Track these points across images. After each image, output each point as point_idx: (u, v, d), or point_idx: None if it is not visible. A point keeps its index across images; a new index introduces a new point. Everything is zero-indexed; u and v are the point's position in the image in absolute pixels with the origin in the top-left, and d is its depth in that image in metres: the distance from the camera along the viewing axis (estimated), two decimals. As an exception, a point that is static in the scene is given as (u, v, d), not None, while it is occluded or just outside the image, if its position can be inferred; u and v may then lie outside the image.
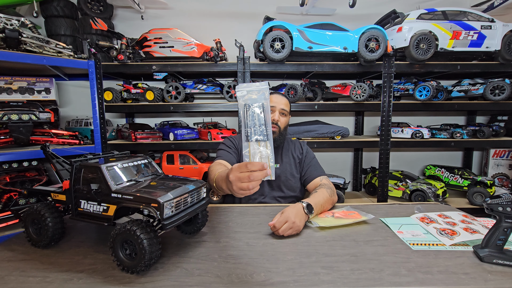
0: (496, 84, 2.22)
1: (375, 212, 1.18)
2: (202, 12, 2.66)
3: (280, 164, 1.55)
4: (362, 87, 2.25)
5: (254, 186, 0.75)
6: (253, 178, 0.74)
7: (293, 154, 1.59)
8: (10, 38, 1.62)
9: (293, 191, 1.53)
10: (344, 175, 2.74)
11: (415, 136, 2.36)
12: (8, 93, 1.89)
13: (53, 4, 2.21)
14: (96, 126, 2.01)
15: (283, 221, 0.98)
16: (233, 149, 1.55)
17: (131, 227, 0.70)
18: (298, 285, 0.69)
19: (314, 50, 2.12)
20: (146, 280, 0.71)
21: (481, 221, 1.06)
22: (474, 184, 2.47)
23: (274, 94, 1.55)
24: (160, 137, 2.34)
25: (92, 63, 1.95)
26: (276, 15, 2.54)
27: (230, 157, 1.48)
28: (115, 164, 0.85)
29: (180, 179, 0.91)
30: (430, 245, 0.89)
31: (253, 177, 0.74)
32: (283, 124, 1.52)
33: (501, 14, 2.44)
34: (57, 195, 0.91)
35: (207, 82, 2.43)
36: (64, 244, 0.91)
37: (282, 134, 1.53)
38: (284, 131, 1.54)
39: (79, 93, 2.58)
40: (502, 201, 0.78)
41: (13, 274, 0.75)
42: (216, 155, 1.54)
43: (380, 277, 0.72)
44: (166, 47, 2.20)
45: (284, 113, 1.52)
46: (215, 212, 1.22)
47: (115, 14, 2.58)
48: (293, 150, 1.61)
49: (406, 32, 2.12)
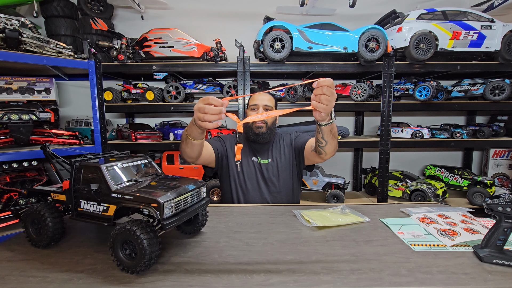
0: (496, 84, 2.22)
1: (375, 212, 1.19)
2: (202, 12, 2.66)
3: (271, 160, 1.59)
4: (362, 87, 2.25)
5: (209, 119, 0.92)
6: (207, 110, 0.92)
7: (285, 143, 1.64)
8: (10, 38, 1.62)
9: (286, 184, 1.57)
10: (344, 175, 2.74)
11: (415, 136, 2.37)
12: (8, 93, 1.89)
13: (53, 4, 2.21)
14: (96, 126, 2.01)
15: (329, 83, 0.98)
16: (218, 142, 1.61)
17: (131, 227, 0.70)
18: (298, 285, 0.69)
19: (314, 50, 2.12)
20: (146, 280, 0.71)
21: (481, 221, 1.05)
22: (474, 184, 2.47)
23: (256, 93, 1.61)
24: (160, 137, 2.34)
25: (92, 63, 1.95)
26: (276, 15, 2.54)
27: (214, 142, 1.56)
28: (115, 164, 0.85)
29: (180, 179, 0.91)
30: (431, 245, 0.88)
31: (207, 110, 0.92)
32: (270, 119, 1.57)
33: (501, 14, 2.44)
34: (57, 195, 0.91)
35: (207, 82, 2.43)
36: (64, 244, 0.91)
37: (270, 129, 1.57)
38: (272, 125, 1.58)
39: (79, 93, 2.59)
40: (502, 201, 0.78)
41: (13, 274, 0.74)
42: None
43: (380, 277, 0.72)
44: (166, 47, 2.20)
45: (268, 109, 1.56)
46: (215, 212, 1.22)
47: (115, 14, 2.58)
48: (284, 141, 1.66)
49: (406, 32, 2.12)
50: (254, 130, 1.55)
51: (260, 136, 1.54)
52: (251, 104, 1.58)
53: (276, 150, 1.62)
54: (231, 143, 1.63)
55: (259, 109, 1.55)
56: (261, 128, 1.54)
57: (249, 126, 1.56)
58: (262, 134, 1.54)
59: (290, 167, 1.59)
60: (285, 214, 1.18)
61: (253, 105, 1.57)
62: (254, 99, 1.58)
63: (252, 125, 1.55)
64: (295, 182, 1.61)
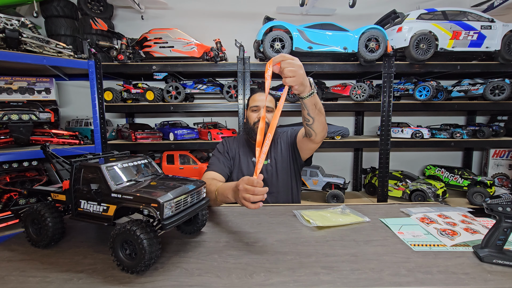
0: (496, 84, 2.22)
1: (375, 212, 1.19)
2: (202, 12, 2.66)
3: (270, 160, 1.60)
4: (362, 87, 2.25)
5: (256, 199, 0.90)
6: (257, 192, 0.89)
7: (282, 141, 1.64)
8: (10, 38, 1.63)
9: (285, 184, 1.58)
10: (344, 175, 2.74)
11: (415, 136, 2.36)
12: (8, 93, 1.89)
13: (53, 4, 2.21)
14: (96, 126, 2.01)
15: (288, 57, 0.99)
16: (224, 156, 1.61)
17: (131, 227, 0.70)
18: (298, 285, 0.69)
19: (314, 50, 2.12)
20: (146, 280, 0.71)
21: (481, 221, 1.05)
22: (474, 184, 2.47)
23: (257, 93, 1.61)
24: (160, 137, 2.34)
25: (92, 63, 1.95)
26: (276, 15, 2.54)
27: (222, 167, 1.54)
28: (115, 164, 0.85)
29: (180, 179, 0.91)
30: (431, 245, 0.88)
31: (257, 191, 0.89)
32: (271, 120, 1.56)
33: (501, 14, 2.44)
34: (57, 195, 0.91)
35: (207, 82, 2.43)
36: (64, 244, 0.91)
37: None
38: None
39: (79, 93, 2.59)
40: (502, 201, 0.78)
41: (13, 274, 0.75)
42: (209, 162, 1.59)
43: (380, 277, 0.72)
44: (166, 47, 2.20)
45: (269, 110, 1.56)
46: (215, 212, 1.22)
47: (115, 14, 2.58)
48: (281, 139, 1.66)
49: (406, 32, 2.12)
50: (256, 132, 1.54)
51: None
52: (252, 106, 1.58)
53: (275, 150, 1.62)
54: (236, 146, 1.65)
55: (260, 110, 1.55)
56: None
57: (251, 127, 1.56)
58: None
59: (288, 166, 1.59)
60: (285, 214, 1.18)
61: (253, 107, 1.57)
62: (255, 100, 1.57)
63: (254, 126, 1.55)
64: (294, 182, 1.61)
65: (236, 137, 1.75)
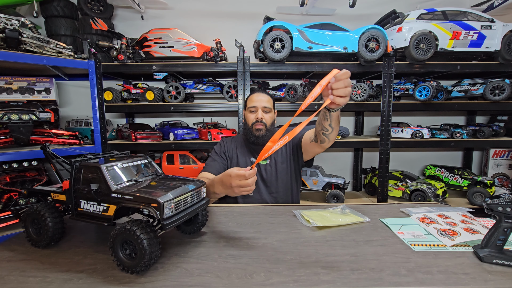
0: (496, 84, 2.22)
1: (375, 212, 1.19)
2: (202, 12, 2.66)
3: (269, 160, 1.59)
4: (362, 87, 2.25)
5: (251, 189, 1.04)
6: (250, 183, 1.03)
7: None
8: (10, 38, 1.62)
9: (285, 184, 1.57)
10: (344, 175, 2.73)
11: (415, 136, 2.37)
12: (8, 93, 1.89)
13: (53, 4, 2.21)
14: (96, 126, 2.01)
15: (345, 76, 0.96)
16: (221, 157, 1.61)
17: (131, 227, 0.70)
18: (298, 285, 0.69)
19: (314, 50, 2.12)
20: (146, 280, 0.71)
21: (481, 221, 1.05)
22: (474, 184, 2.47)
23: (255, 93, 1.61)
24: (160, 137, 2.34)
25: (92, 63, 1.95)
26: (276, 15, 2.55)
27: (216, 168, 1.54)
28: (115, 164, 0.85)
29: (180, 179, 0.91)
30: (431, 245, 0.88)
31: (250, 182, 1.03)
32: (269, 120, 1.57)
33: (501, 14, 2.44)
34: (57, 195, 0.91)
35: (207, 82, 2.43)
36: (64, 244, 0.91)
37: (269, 131, 1.57)
38: (271, 127, 1.59)
39: (79, 93, 2.59)
40: (502, 201, 0.78)
41: (13, 274, 0.74)
42: (206, 163, 1.60)
43: (380, 277, 0.72)
44: (166, 47, 2.20)
45: (266, 110, 1.56)
46: (215, 212, 1.22)
47: (115, 14, 2.58)
48: None
49: (406, 32, 2.12)
50: (254, 133, 1.54)
51: (260, 138, 1.54)
52: (249, 106, 1.57)
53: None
54: (234, 146, 1.64)
55: (257, 111, 1.54)
56: (261, 130, 1.54)
57: (249, 128, 1.56)
58: (262, 136, 1.54)
59: (288, 166, 1.59)
60: (285, 214, 1.18)
61: (251, 107, 1.56)
62: (253, 101, 1.57)
63: (252, 127, 1.55)
64: (294, 182, 1.61)
65: (234, 137, 1.75)
